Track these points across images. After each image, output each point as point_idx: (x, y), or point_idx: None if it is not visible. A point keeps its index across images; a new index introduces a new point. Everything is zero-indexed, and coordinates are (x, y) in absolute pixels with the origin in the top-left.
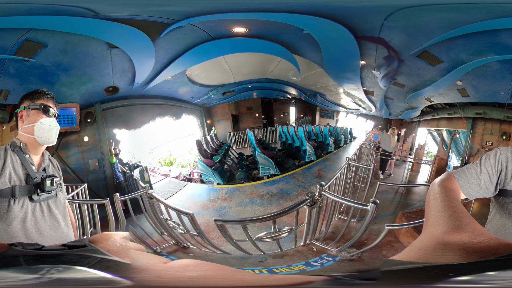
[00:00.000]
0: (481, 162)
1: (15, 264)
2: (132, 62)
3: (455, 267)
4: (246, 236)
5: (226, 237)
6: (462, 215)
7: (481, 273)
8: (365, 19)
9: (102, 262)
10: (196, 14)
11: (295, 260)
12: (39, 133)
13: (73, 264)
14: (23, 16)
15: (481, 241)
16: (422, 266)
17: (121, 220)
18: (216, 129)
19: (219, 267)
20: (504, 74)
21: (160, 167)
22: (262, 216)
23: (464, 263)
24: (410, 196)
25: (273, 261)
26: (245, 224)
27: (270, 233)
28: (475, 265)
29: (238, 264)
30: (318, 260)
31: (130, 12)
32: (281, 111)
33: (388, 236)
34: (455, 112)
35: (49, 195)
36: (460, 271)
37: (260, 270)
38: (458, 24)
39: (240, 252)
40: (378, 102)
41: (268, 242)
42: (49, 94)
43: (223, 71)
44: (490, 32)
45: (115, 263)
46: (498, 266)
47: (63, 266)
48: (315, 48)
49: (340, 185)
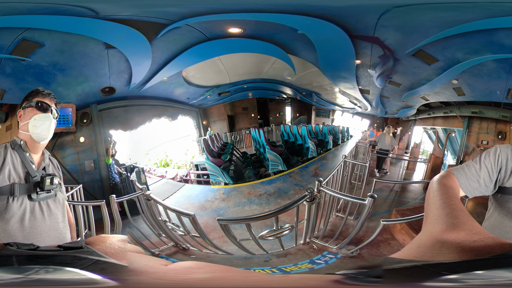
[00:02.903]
0: (481, 159)
1: (7, 264)
2: (128, 63)
3: (449, 265)
4: (250, 235)
5: (230, 237)
6: (461, 213)
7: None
8: (358, 19)
9: (97, 264)
10: (192, 14)
11: (299, 259)
12: (33, 129)
13: (65, 266)
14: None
15: (478, 240)
16: (420, 264)
17: (117, 222)
18: (212, 130)
19: (226, 268)
20: (500, 73)
21: (156, 168)
22: (264, 213)
23: (459, 261)
24: (405, 194)
25: (278, 261)
26: (248, 222)
27: (273, 230)
28: (469, 263)
29: (245, 265)
30: (321, 258)
31: (129, 12)
32: (277, 111)
33: (385, 234)
34: (451, 111)
35: (49, 194)
36: (453, 270)
37: (271, 269)
38: (454, 23)
39: (243, 252)
40: (374, 100)
41: (269, 241)
42: (44, 91)
43: (218, 72)
44: (486, 31)
45: (111, 265)
46: (490, 265)
47: (53, 267)
48: (309, 47)
49: (337, 182)
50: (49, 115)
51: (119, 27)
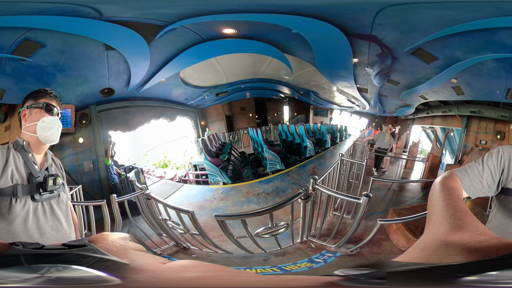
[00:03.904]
0: (484, 160)
1: (16, 263)
2: (127, 64)
3: (460, 267)
4: (246, 232)
5: (227, 234)
6: (464, 214)
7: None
8: (353, 17)
9: (100, 262)
10: (186, 16)
11: (297, 258)
12: (42, 132)
13: (72, 264)
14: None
15: (483, 241)
16: (427, 267)
17: (117, 221)
18: (210, 131)
19: (221, 268)
20: (500, 73)
21: (155, 169)
22: (259, 210)
23: (467, 262)
24: (402, 194)
25: (276, 260)
26: (244, 218)
27: (268, 228)
28: (478, 264)
29: (243, 264)
30: (320, 257)
31: (129, 14)
32: (275, 111)
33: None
34: (449, 110)
35: (52, 195)
36: (465, 271)
37: (272, 269)
38: (454, 22)
39: (242, 252)
40: (372, 99)
41: (266, 239)
42: (52, 93)
43: (216, 72)
44: (487, 30)
45: (113, 263)
46: (499, 266)
47: (62, 266)
48: (306, 46)
49: (334, 180)
50: (57, 118)
51: (119, 28)
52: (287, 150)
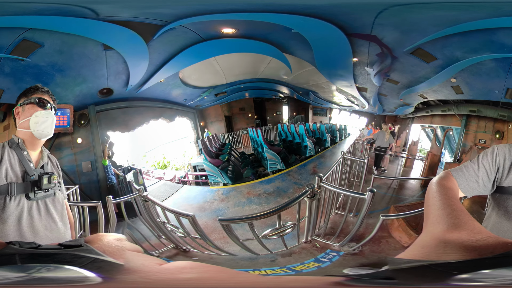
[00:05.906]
0: (479, 159)
1: (10, 262)
2: (126, 64)
3: (456, 264)
4: (253, 234)
5: (232, 237)
6: (461, 213)
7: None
8: (354, 17)
9: (95, 262)
10: (185, 15)
11: (304, 258)
12: (35, 126)
13: (65, 264)
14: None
15: (480, 239)
16: (427, 264)
17: (112, 223)
18: (209, 132)
19: (220, 269)
20: (499, 72)
21: (154, 170)
22: (266, 211)
23: (464, 260)
24: (403, 191)
25: (284, 260)
26: (251, 221)
27: (276, 229)
28: (474, 262)
29: (250, 266)
30: (325, 256)
31: (127, 13)
32: (274, 111)
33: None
34: (449, 109)
35: (47, 193)
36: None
37: (282, 269)
38: (453, 22)
39: (246, 253)
40: (372, 98)
41: (272, 240)
42: (43, 88)
43: (215, 72)
44: (486, 31)
45: (107, 263)
46: (495, 264)
47: (53, 266)
48: (305, 46)
49: (336, 179)
50: (50, 111)
51: (117, 28)
52: (287, 149)
